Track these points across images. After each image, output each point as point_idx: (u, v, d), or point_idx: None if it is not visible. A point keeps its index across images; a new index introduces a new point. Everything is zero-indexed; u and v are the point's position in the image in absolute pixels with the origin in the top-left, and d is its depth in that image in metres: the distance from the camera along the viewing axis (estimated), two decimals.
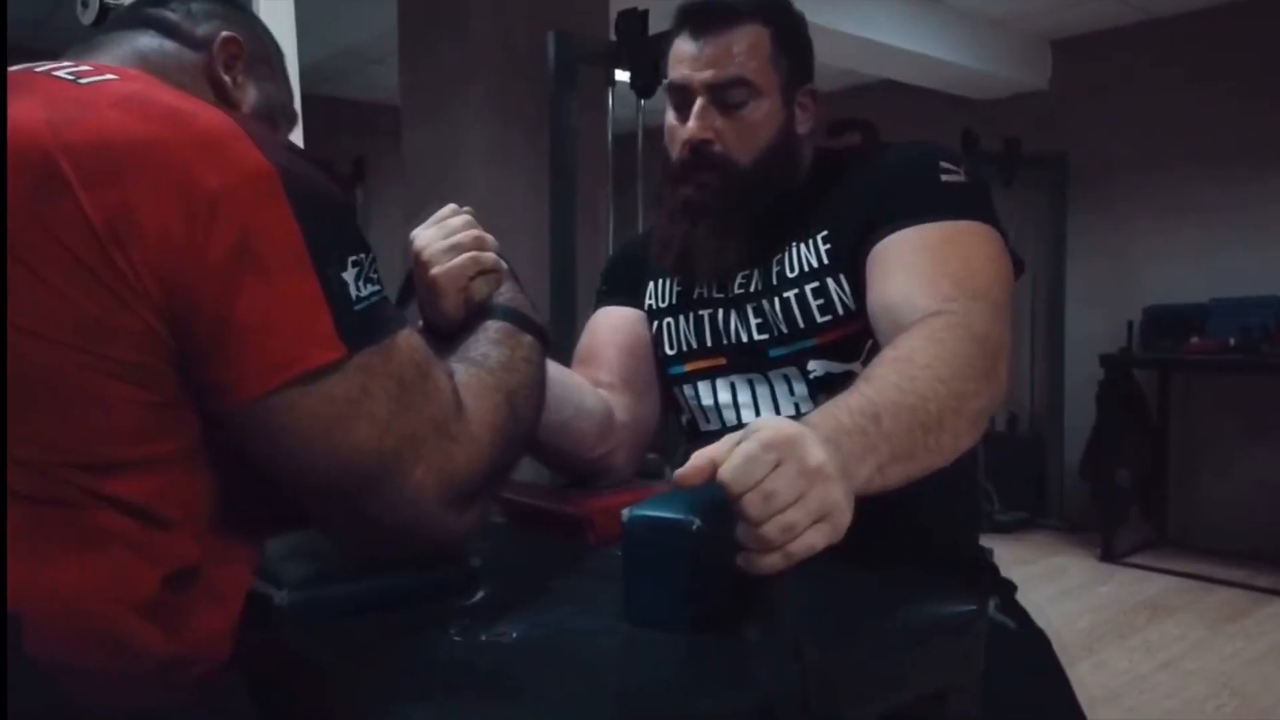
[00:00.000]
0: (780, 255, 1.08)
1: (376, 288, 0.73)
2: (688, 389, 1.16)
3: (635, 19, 2.74)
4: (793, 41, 1.07)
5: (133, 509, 0.65)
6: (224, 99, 0.85)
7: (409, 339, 0.74)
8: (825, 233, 1.06)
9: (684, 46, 1.06)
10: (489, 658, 0.67)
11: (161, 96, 0.69)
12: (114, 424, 0.64)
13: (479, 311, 0.92)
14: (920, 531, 1.02)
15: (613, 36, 2.83)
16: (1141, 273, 4.60)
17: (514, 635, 0.72)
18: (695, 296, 1.15)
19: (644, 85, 2.77)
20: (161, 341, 0.64)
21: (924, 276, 0.93)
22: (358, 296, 0.70)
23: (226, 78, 0.85)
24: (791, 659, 0.65)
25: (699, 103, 1.04)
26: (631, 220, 3.01)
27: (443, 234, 0.94)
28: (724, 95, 1.04)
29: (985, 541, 4.06)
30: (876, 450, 0.70)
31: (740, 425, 1.04)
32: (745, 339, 1.10)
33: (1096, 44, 4.69)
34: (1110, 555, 4.27)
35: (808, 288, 1.05)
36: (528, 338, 0.90)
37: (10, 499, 0.60)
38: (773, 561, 0.63)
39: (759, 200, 1.07)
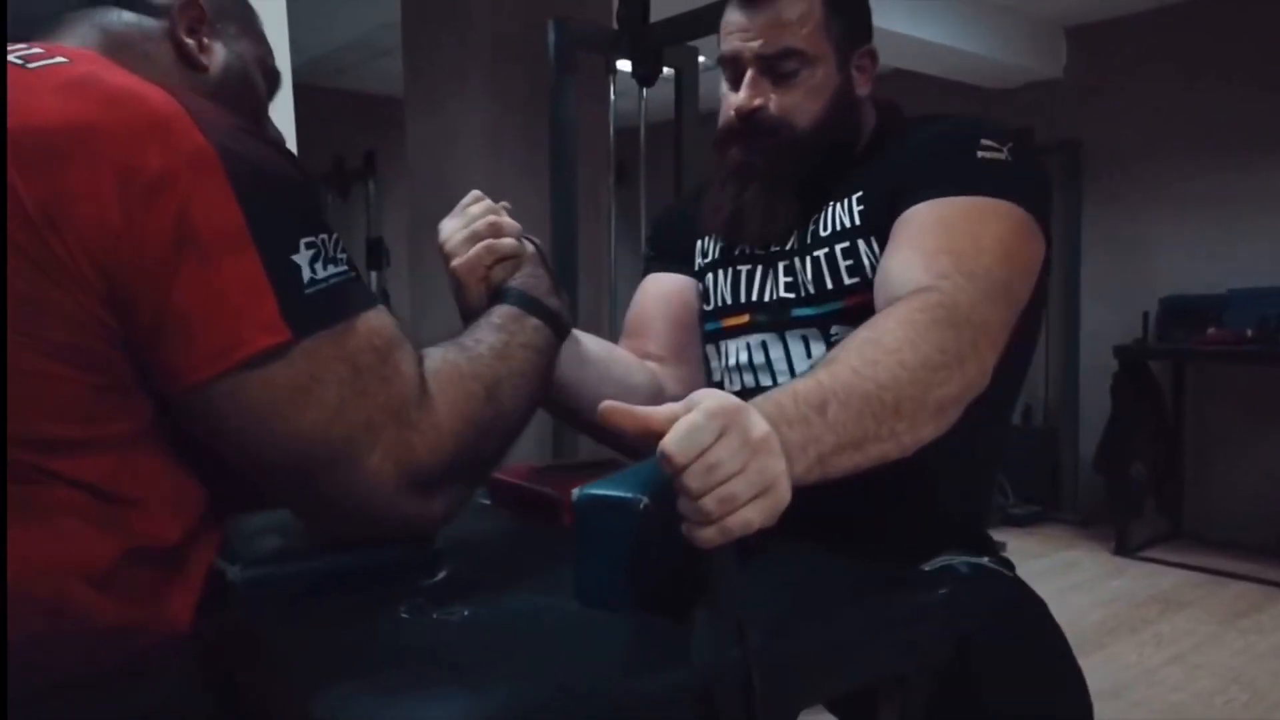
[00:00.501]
0: (819, 215, 1.06)
1: (340, 269, 0.72)
2: (722, 347, 1.14)
3: (636, 6, 2.72)
4: (847, 3, 1.06)
5: (87, 486, 0.65)
6: (189, 63, 0.84)
7: (371, 322, 0.73)
8: (860, 194, 1.04)
9: (734, 17, 1.04)
10: (434, 635, 0.67)
11: (107, 79, 0.68)
12: (59, 404, 0.64)
13: (494, 297, 0.92)
14: (929, 509, 1.03)
15: (615, 24, 2.82)
16: (1157, 263, 4.54)
17: (465, 614, 0.72)
18: (737, 253, 1.13)
19: (645, 74, 2.75)
20: (103, 325, 0.64)
21: (927, 251, 0.91)
22: (311, 279, 0.69)
23: (190, 41, 0.84)
24: (733, 641, 0.64)
25: (750, 73, 1.03)
26: (634, 211, 3.00)
27: (463, 224, 0.95)
28: (776, 66, 1.02)
29: (998, 535, 4.08)
30: (819, 441, 0.69)
31: (759, 389, 1.05)
32: (772, 296, 1.08)
33: (1112, 31, 4.63)
34: (1124, 549, 4.23)
35: (838, 248, 1.03)
36: (533, 322, 0.89)
37: None
38: (709, 536, 0.62)
39: (817, 161, 1.06)
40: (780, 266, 1.08)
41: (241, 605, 0.72)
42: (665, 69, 2.84)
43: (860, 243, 1.01)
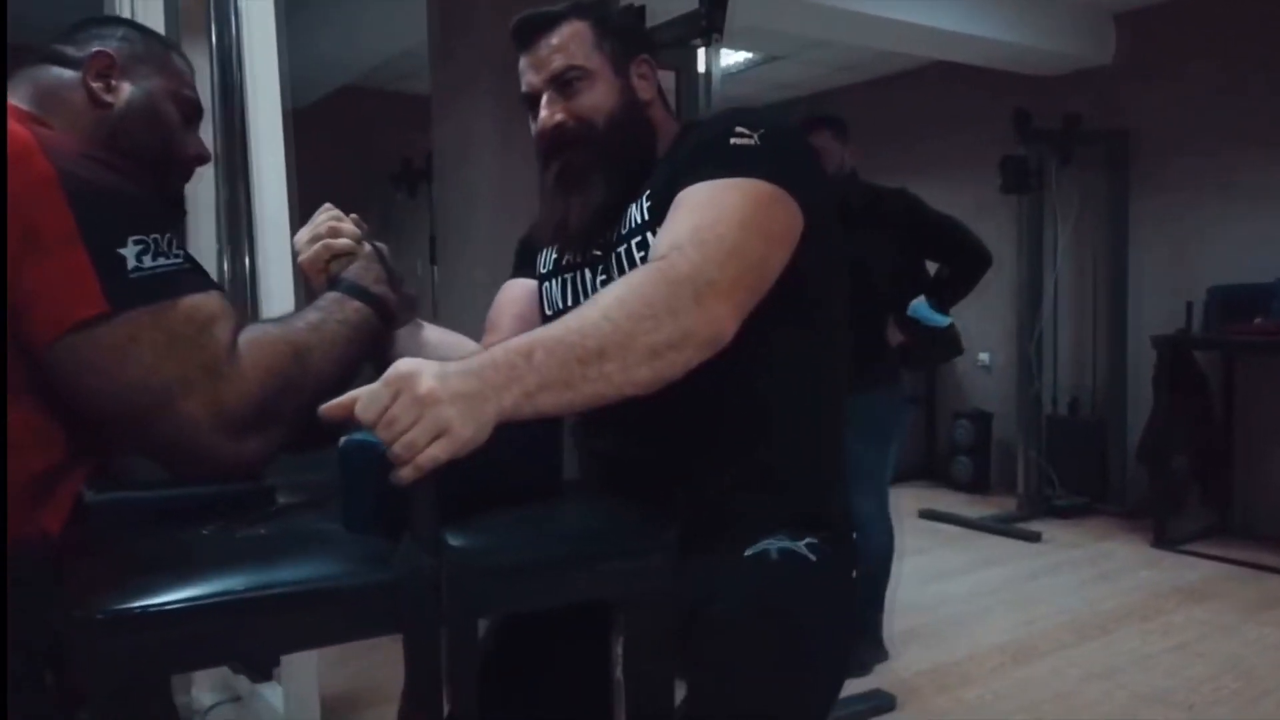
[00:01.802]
0: (623, 216, 1.19)
1: (169, 261, 0.94)
2: None
3: (632, 13, 2.89)
4: (613, 25, 1.20)
5: None
6: (96, 103, 1.08)
7: (194, 300, 0.94)
8: (649, 191, 1.15)
9: (522, 62, 1.20)
10: (215, 547, 0.87)
11: (27, 126, 0.91)
12: None
13: (330, 285, 1.13)
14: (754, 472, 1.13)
15: None
16: (1206, 253, 4.45)
17: (261, 533, 0.92)
18: (564, 261, 1.27)
19: None
20: None
21: (673, 227, 1.03)
22: (135, 267, 0.91)
23: (98, 85, 1.08)
24: (427, 551, 0.82)
25: (544, 97, 1.18)
26: None
27: (310, 228, 1.17)
28: (560, 82, 1.17)
29: (1042, 526, 4.14)
30: (522, 380, 0.84)
31: None
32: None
33: (1161, 18, 4.55)
34: (1163, 541, 4.18)
35: (633, 242, 1.15)
36: (354, 304, 1.10)
37: None
38: (405, 474, 0.80)
39: (620, 160, 1.18)
40: (599, 268, 1.21)
41: (92, 523, 0.94)
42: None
43: (649, 235, 1.12)
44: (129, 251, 0.91)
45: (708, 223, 1.01)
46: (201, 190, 2.46)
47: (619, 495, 1.20)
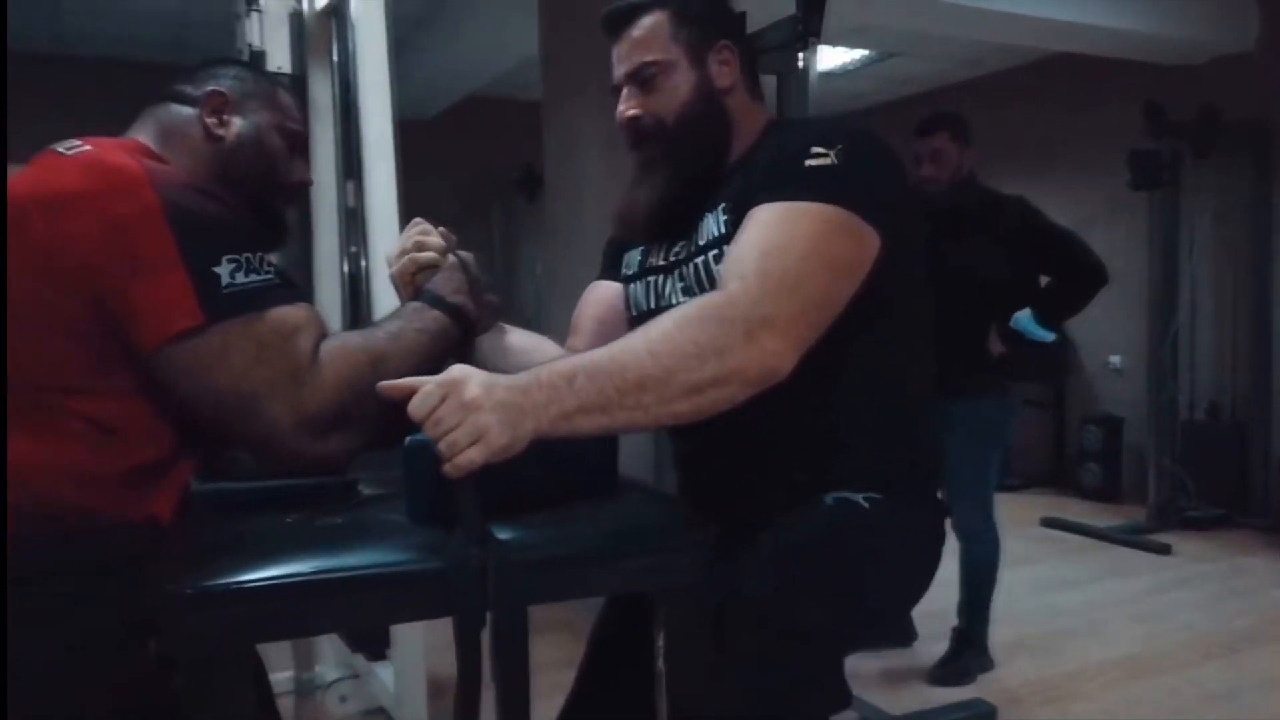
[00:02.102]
0: (700, 224, 1.22)
1: (260, 277, 1.04)
2: None
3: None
4: (694, 14, 1.23)
5: (91, 419, 1.00)
6: (210, 135, 1.21)
7: (280, 313, 1.04)
8: (724, 204, 1.18)
9: (612, 53, 1.26)
10: (294, 533, 0.96)
11: (106, 158, 1.04)
12: (71, 365, 1.00)
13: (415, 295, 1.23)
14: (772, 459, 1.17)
15: None
16: None
17: (337, 522, 1.01)
18: (649, 264, 1.31)
19: None
20: (93, 317, 0.99)
21: (740, 252, 1.05)
22: (229, 284, 1.01)
23: (211, 120, 1.21)
24: (474, 541, 0.89)
25: (624, 90, 1.25)
26: None
27: (399, 244, 1.27)
28: (639, 78, 1.23)
29: (1173, 538, 3.98)
30: (562, 402, 0.91)
31: None
32: (674, 300, 1.25)
33: None
34: None
35: (710, 255, 1.18)
36: (433, 313, 1.18)
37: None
38: (449, 470, 0.87)
39: (690, 155, 1.22)
40: (677, 274, 1.25)
41: (195, 510, 1.06)
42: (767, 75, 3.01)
43: (726, 248, 1.14)
44: (223, 269, 1.01)
45: (773, 251, 1.03)
46: (325, 198, 2.64)
47: (697, 490, 1.26)
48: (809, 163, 1.09)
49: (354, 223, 2.51)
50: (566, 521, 1.00)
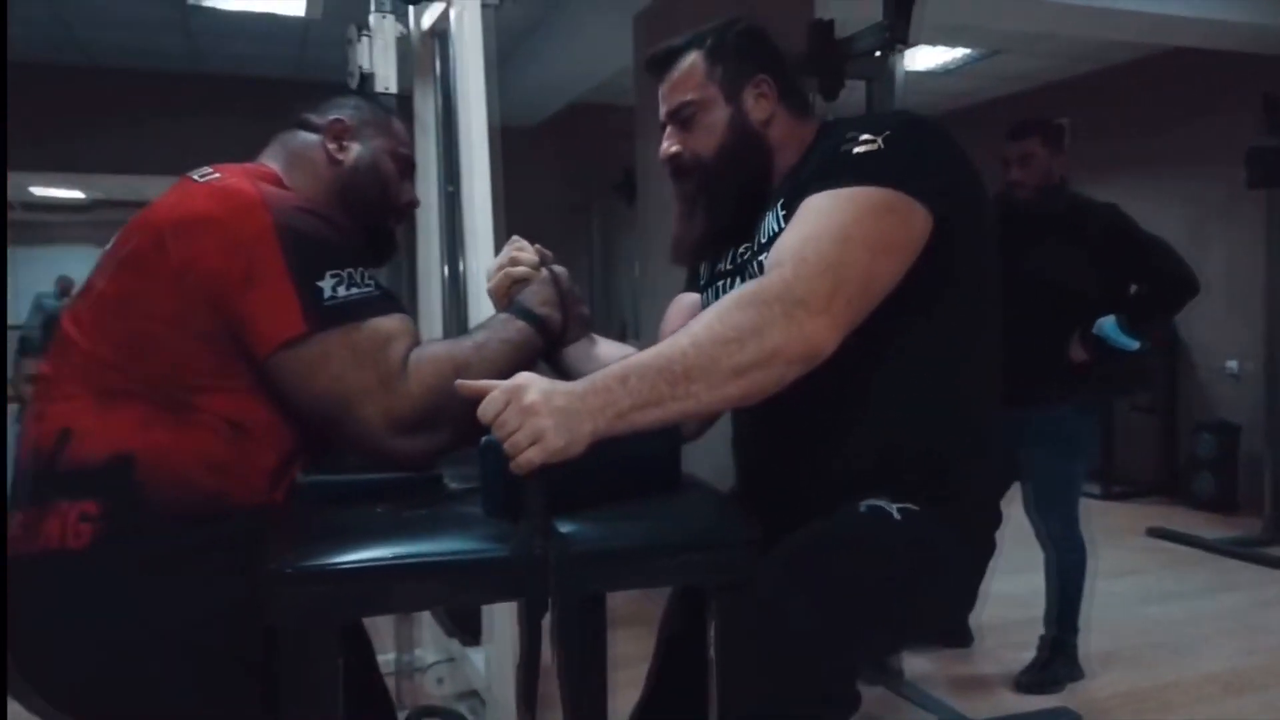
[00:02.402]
0: (761, 223, 1.26)
1: (361, 290, 1.17)
2: None
3: (824, 29, 2.98)
4: (727, 52, 1.29)
5: (216, 413, 1.14)
6: (331, 160, 1.34)
7: (376, 324, 1.16)
8: (782, 200, 1.22)
9: (658, 93, 1.35)
10: (383, 522, 1.08)
11: (229, 185, 1.18)
12: (199, 366, 1.14)
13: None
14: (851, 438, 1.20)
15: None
16: None
17: (421, 513, 1.13)
18: (717, 270, 1.38)
19: (827, 87, 2.99)
20: (217, 324, 1.13)
21: (783, 242, 1.10)
22: (330, 297, 1.14)
23: (333, 146, 1.34)
24: (538, 533, 0.99)
25: (667, 129, 1.33)
26: None
27: (496, 261, 1.39)
28: (678, 117, 1.31)
29: None
30: (617, 403, 0.98)
31: None
32: None
33: None
34: None
35: (769, 252, 1.18)
36: (519, 324, 1.29)
37: (137, 401, 1.12)
38: (513, 467, 0.97)
39: (727, 190, 1.29)
40: (745, 274, 1.30)
41: (299, 498, 1.18)
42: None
43: None
44: (326, 284, 1.14)
45: (812, 237, 1.07)
46: (428, 209, 2.80)
47: (752, 488, 1.32)
48: (856, 150, 1.14)
49: (453, 230, 2.65)
50: (626, 517, 1.09)
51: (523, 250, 1.38)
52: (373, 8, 2.54)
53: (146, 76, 6.31)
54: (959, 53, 5.52)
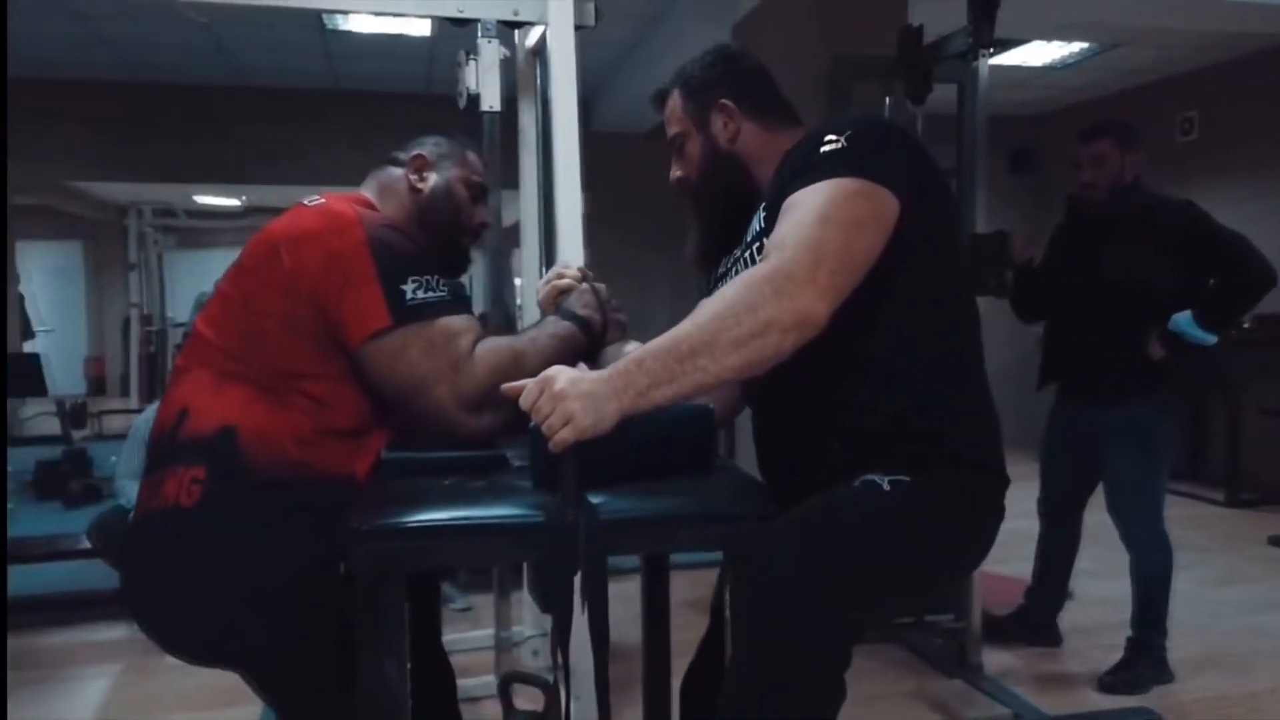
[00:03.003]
0: (748, 227, 1.39)
1: (436, 294, 1.37)
2: None
3: (912, 34, 3.05)
4: (694, 85, 1.46)
5: (310, 396, 1.36)
6: (412, 189, 1.57)
7: (447, 320, 1.37)
8: (765, 203, 1.35)
9: None
10: (446, 492, 1.27)
11: (334, 208, 1.41)
12: (300, 356, 1.36)
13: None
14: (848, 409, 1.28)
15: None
16: None
17: (481, 485, 1.31)
18: (715, 274, 1.52)
19: (914, 92, 3.05)
20: (318, 322, 1.34)
21: (774, 234, 1.22)
22: (411, 298, 1.34)
23: (413, 177, 1.57)
24: (570, 503, 1.16)
25: (673, 158, 1.52)
26: None
27: (544, 278, 1.62)
28: (675, 147, 1.50)
29: None
30: (636, 383, 1.13)
31: None
32: None
33: None
34: None
35: (754, 247, 1.35)
36: (565, 324, 1.50)
37: (245, 384, 1.35)
38: (551, 447, 1.14)
39: (714, 200, 1.46)
40: (734, 273, 1.42)
41: (383, 474, 1.39)
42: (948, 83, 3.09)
43: (765, 240, 1.26)
44: (408, 287, 1.35)
45: (795, 224, 1.21)
46: (529, 214, 3.02)
47: (766, 466, 1.45)
48: (823, 149, 1.27)
49: (549, 233, 2.86)
50: (653, 492, 1.24)
51: (567, 268, 1.61)
52: (479, 33, 2.77)
53: (293, 95, 6.84)
54: (1076, 47, 5.41)
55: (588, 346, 1.51)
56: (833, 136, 1.28)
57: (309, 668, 1.34)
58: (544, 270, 2.93)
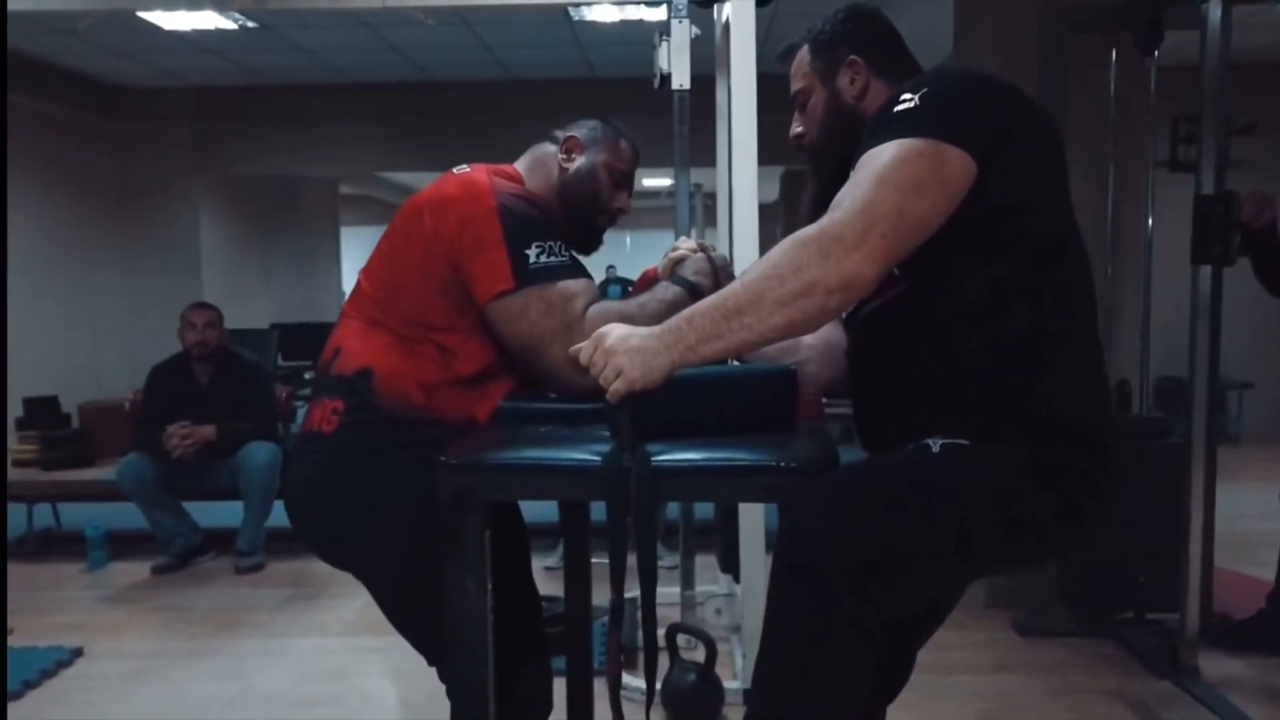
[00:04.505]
0: None
1: (558, 259, 1.50)
2: None
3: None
4: (824, 42, 1.47)
5: (441, 346, 1.53)
6: (560, 167, 1.69)
7: (567, 283, 1.49)
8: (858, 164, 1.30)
9: None
10: (541, 438, 1.39)
11: (472, 176, 1.57)
12: (435, 309, 1.53)
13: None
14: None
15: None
16: None
17: (568, 433, 1.43)
18: None
19: (1144, 42, 2.80)
20: (452, 279, 1.51)
21: (836, 196, 1.21)
22: (534, 262, 1.48)
23: (562, 155, 1.70)
24: (625, 449, 1.25)
25: (794, 114, 1.52)
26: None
27: (665, 252, 1.71)
28: (797, 103, 1.51)
29: None
30: (685, 338, 1.19)
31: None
32: None
33: None
34: None
35: None
36: (675, 288, 1.58)
37: (386, 332, 1.55)
38: (608, 397, 1.24)
39: (834, 155, 1.43)
40: None
41: (501, 421, 1.54)
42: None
43: None
44: (532, 252, 1.48)
45: (854, 184, 1.21)
46: (721, 188, 3.09)
47: (861, 431, 1.46)
48: (897, 109, 1.25)
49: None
50: (713, 445, 1.29)
51: (684, 241, 1.69)
52: (669, 14, 2.88)
53: (554, 85, 7.32)
54: None
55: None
56: (908, 95, 1.26)
57: (413, 582, 1.53)
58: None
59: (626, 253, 14.45)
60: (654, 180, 10.46)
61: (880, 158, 1.21)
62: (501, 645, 1.64)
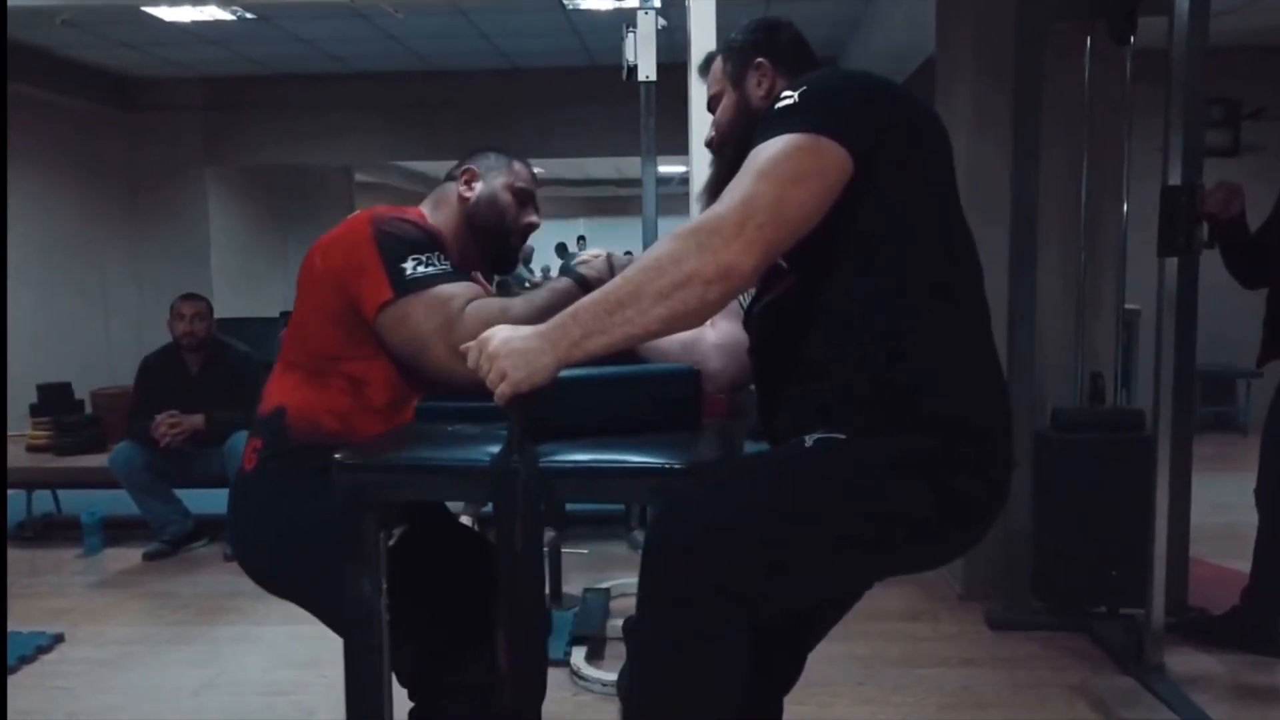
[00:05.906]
0: None
1: (435, 269, 1.53)
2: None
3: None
4: (735, 48, 1.50)
5: (346, 376, 1.57)
6: (461, 198, 1.74)
7: (441, 288, 1.51)
8: None
9: None
10: (436, 435, 1.41)
11: (358, 215, 1.62)
12: (333, 341, 1.57)
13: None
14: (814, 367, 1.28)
15: None
16: None
17: (473, 431, 1.44)
18: None
19: (1119, 30, 2.75)
20: (344, 308, 1.54)
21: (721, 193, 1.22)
22: (410, 273, 1.51)
23: (462, 186, 1.74)
24: (513, 449, 1.25)
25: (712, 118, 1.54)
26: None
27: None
28: (711, 107, 1.53)
29: None
30: (570, 334, 1.18)
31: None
32: None
33: None
34: None
35: None
36: (565, 280, 1.61)
37: (297, 370, 1.59)
38: (495, 400, 1.24)
39: (739, 155, 1.35)
40: None
41: (419, 423, 1.56)
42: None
43: None
44: (408, 265, 1.52)
45: (735, 179, 1.21)
46: (696, 180, 3.07)
47: (763, 428, 1.45)
48: (778, 105, 1.27)
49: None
50: (605, 445, 1.30)
51: (589, 253, 1.70)
52: (637, 4, 2.86)
53: (550, 74, 7.31)
54: None
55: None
56: (789, 93, 1.27)
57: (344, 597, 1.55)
58: None
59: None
60: (665, 168, 10.45)
61: (762, 153, 1.22)
62: (433, 635, 1.67)
